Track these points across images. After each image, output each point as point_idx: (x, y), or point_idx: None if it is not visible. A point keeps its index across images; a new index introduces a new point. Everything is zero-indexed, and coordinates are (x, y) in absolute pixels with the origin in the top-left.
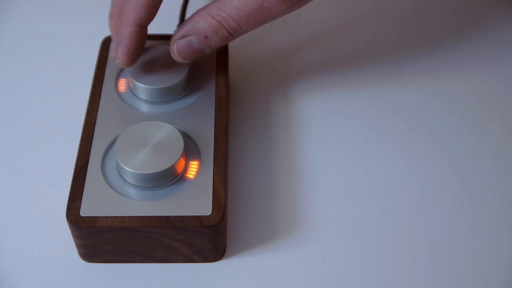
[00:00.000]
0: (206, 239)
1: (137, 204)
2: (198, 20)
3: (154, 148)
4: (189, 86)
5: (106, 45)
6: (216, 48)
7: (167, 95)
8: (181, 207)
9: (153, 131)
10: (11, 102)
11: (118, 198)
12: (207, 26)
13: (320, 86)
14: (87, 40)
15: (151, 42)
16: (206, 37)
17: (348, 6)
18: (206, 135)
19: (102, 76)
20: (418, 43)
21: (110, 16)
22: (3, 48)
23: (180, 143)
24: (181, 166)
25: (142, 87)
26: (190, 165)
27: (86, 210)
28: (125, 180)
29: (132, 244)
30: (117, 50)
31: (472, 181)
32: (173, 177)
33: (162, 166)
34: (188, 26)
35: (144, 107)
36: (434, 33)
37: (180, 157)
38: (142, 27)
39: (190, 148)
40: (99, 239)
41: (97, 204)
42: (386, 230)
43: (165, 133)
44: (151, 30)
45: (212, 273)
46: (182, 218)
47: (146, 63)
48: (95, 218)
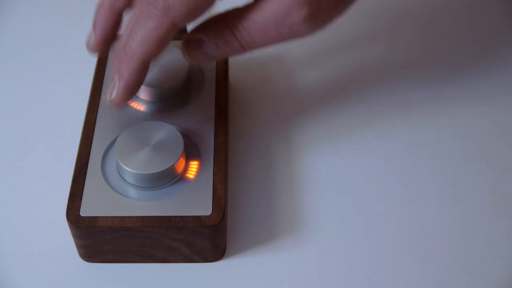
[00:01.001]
0: (206, 239)
1: (137, 204)
2: (213, 25)
3: (154, 148)
4: (189, 86)
5: None
6: (227, 57)
7: (167, 95)
8: (181, 207)
9: (153, 131)
10: (11, 102)
11: (118, 198)
12: (219, 34)
13: (320, 86)
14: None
15: None
16: (216, 44)
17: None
18: (206, 135)
19: (102, 76)
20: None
21: (99, 6)
22: (3, 48)
23: (180, 143)
24: (181, 166)
25: (142, 87)
26: (190, 165)
27: (86, 210)
28: (125, 180)
29: (132, 244)
30: (98, 43)
31: (472, 181)
32: (173, 177)
33: (162, 166)
34: (202, 29)
35: (144, 107)
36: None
37: (180, 157)
38: (147, 64)
39: (190, 148)
40: (99, 239)
41: (97, 204)
42: (386, 230)
43: (165, 133)
44: None
45: (212, 273)
46: (182, 218)
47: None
48: (95, 218)
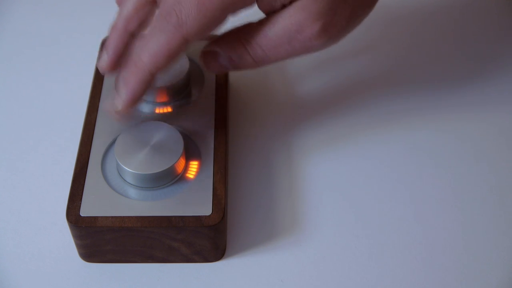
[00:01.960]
0: (206, 239)
1: (137, 204)
2: (227, 40)
3: (154, 148)
4: (189, 86)
5: None
6: (241, 70)
7: (168, 95)
8: (181, 207)
9: (153, 131)
10: (11, 102)
11: (118, 198)
12: (233, 49)
13: (321, 83)
14: (87, 40)
15: None
16: (231, 58)
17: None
18: (206, 135)
19: (102, 76)
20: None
21: (113, 27)
22: (3, 48)
23: (180, 143)
24: (181, 166)
25: None
26: (190, 165)
27: (86, 210)
28: (125, 180)
29: (132, 244)
30: (111, 66)
31: (472, 181)
32: (173, 177)
33: (162, 166)
34: (218, 41)
35: (144, 107)
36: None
37: (180, 157)
38: (155, 76)
39: (190, 148)
40: (99, 239)
41: (97, 204)
42: (385, 230)
43: (165, 133)
44: None
45: (212, 273)
46: (182, 218)
47: None
48: (95, 218)
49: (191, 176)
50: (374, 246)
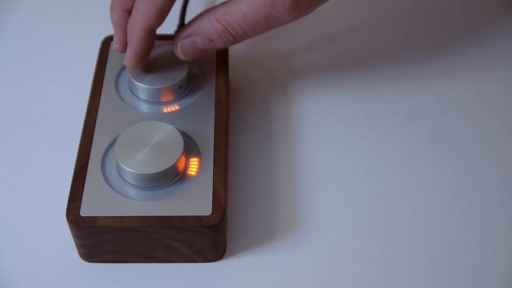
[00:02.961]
0: (206, 239)
1: (137, 204)
2: (204, 22)
3: (154, 148)
4: (189, 86)
5: (106, 45)
6: (219, 49)
7: (167, 95)
8: (181, 207)
9: (153, 131)
10: (11, 102)
11: (118, 198)
12: (213, 30)
13: (320, 87)
14: (87, 40)
15: None
16: (210, 40)
17: (349, 11)
18: (206, 135)
19: (102, 76)
20: (418, 47)
21: (111, 8)
22: (3, 48)
23: (180, 143)
24: (181, 166)
25: (142, 87)
26: (190, 165)
27: (86, 210)
28: (125, 180)
29: (132, 244)
30: (121, 44)
31: (472, 181)
32: (173, 177)
33: (162, 166)
34: (194, 27)
35: (144, 107)
36: (434, 37)
37: (180, 157)
38: (151, 32)
39: (190, 148)
40: (99, 239)
41: (97, 204)
42: (386, 230)
43: (165, 133)
44: None
45: (212, 273)
46: (182, 218)
47: (146, 63)
48: (95, 218)
49: (191, 176)
50: (374, 246)
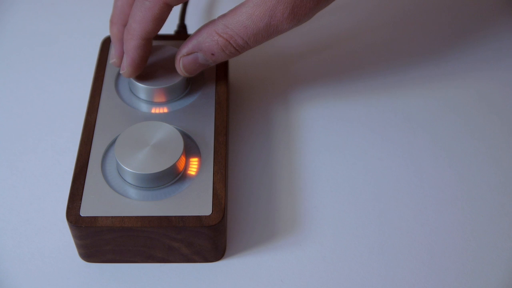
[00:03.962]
0: (206, 239)
1: (137, 204)
2: (205, 37)
3: (154, 148)
4: (189, 86)
5: (106, 45)
6: (220, 62)
7: (167, 95)
8: (181, 207)
9: (153, 131)
10: (11, 102)
11: (118, 198)
12: (214, 44)
13: (320, 88)
14: (87, 40)
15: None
16: (213, 54)
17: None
18: (206, 135)
19: (102, 76)
20: (418, 48)
21: (111, 23)
22: (3, 48)
23: (180, 143)
24: (181, 166)
25: (142, 87)
26: (190, 165)
27: (86, 210)
28: (125, 180)
29: (132, 244)
30: (119, 57)
31: (472, 181)
32: (173, 177)
33: (162, 166)
34: (194, 43)
35: (144, 107)
36: (434, 38)
37: (180, 157)
38: (148, 40)
39: (190, 148)
40: (99, 239)
41: (97, 204)
42: (386, 230)
43: (165, 133)
44: None
45: (212, 273)
46: (182, 218)
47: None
48: (95, 218)
49: (191, 176)
50: (374, 246)
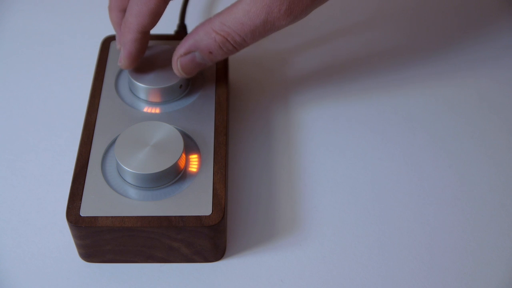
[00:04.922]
0: (206, 239)
1: (137, 204)
2: (202, 35)
3: (154, 148)
4: (189, 86)
5: (106, 45)
6: (218, 61)
7: (167, 95)
8: (181, 207)
9: (153, 131)
10: (11, 102)
11: (118, 198)
12: (212, 42)
13: (320, 87)
14: (87, 40)
15: (151, 42)
16: (210, 52)
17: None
18: (206, 135)
19: (102, 76)
20: (417, 47)
21: (109, 9)
22: (3, 48)
23: (180, 143)
24: (181, 166)
25: (142, 87)
26: (190, 165)
27: (86, 210)
28: (125, 180)
29: (132, 244)
30: (120, 46)
31: (472, 181)
32: (173, 177)
33: (162, 166)
34: (191, 42)
35: (144, 107)
36: (433, 37)
37: (180, 157)
38: (144, 34)
39: (190, 148)
40: (99, 239)
41: (97, 204)
42: (386, 230)
43: (165, 133)
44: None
45: (212, 273)
46: (182, 218)
47: (146, 63)
48: (95, 218)
49: (191, 176)
50: (374, 246)
